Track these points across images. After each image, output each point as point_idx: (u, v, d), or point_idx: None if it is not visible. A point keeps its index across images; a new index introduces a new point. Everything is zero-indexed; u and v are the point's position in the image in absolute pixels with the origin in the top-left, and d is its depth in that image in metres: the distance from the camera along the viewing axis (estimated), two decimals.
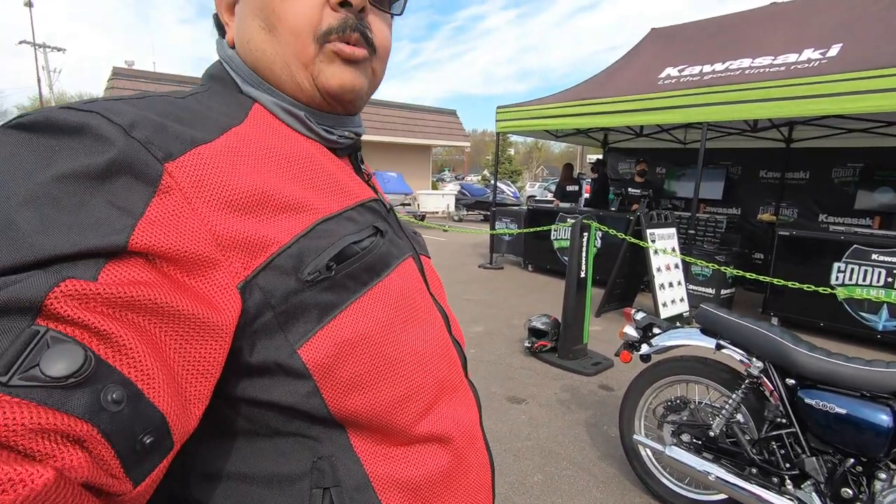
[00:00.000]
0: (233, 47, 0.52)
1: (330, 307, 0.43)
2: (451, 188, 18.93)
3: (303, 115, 0.50)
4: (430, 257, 0.65)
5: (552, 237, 7.10)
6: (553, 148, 43.25)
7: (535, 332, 4.01)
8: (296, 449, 0.44)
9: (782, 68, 5.23)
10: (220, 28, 0.55)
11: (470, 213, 16.40)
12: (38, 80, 25.07)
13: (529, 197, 19.92)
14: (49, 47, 26.11)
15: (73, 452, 0.28)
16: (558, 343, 3.93)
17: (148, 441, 0.31)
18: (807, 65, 5.08)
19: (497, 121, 7.68)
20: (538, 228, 6.84)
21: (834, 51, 5.07)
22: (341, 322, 0.43)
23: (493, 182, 9.04)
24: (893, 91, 4.16)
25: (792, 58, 5.30)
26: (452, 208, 16.35)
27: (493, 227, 8.08)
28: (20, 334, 0.28)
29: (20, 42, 24.91)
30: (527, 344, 4.02)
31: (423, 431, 0.49)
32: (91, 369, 0.29)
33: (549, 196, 17.98)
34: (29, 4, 22.43)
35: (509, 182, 22.28)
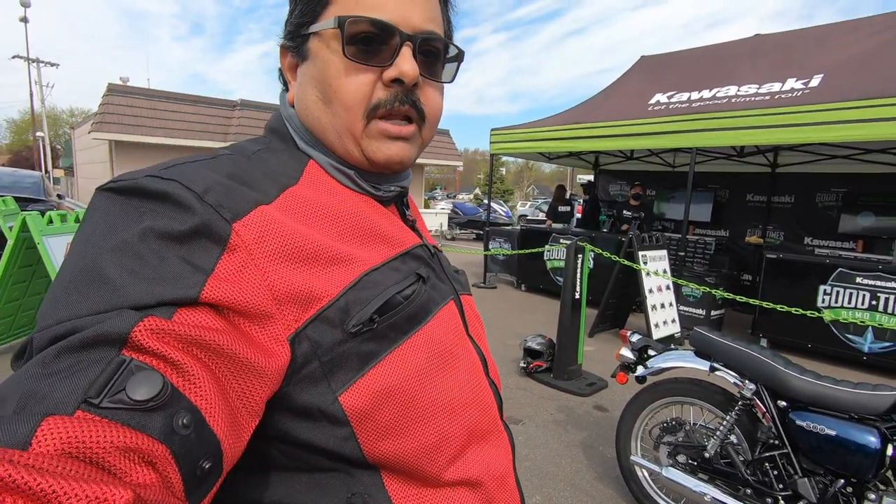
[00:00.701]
0: (292, 105, 0.57)
1: (370, 356, 0.46)
2: (444, 207, 19.08)
3: (352, 174, 0.54)
4: (471, 295, 0.67)
5: (545, 257, 7.19)
6: (544, 168, 43.87)
7: (530, 353, 4.06)
8: (331, 484, 0.47)
9: (767, 97, 5.43)
10: (286, 82, 0.58)
11: (462, 231, 16.51)
12: (31, 95, 25.04)
13: (521, 216, 20.12)
14: (42, 62, 26.14)
15: (147, 473, 0.30)
16: (553, 363, 3.98)
17: (207, 466, 0.34)
18: (790, 94, 5.28)
19: (491, 142, 7.83)
20: (532, 250, 6.92)
21: (815, 81, 5.28)
22: (380, 371, 0.46)
23: (485, 201, 9.13)
24: (872, 122, 4.34)
25: (776, 87, 5.51)
26: (445, 227, 16.45)
27: (486, 247, 8.16)
28: (109, 363, 0.32)
29: (13, 57, 24.94)
30: (522, 364, 4.06)
31: (453, 477, 0.51)
32: (167, 395, 0.32)
33: (541, 215, 18.18)
34: (24, 20, 22.51)
35: (502, 202, 22.50)
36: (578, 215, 9.48)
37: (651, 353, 2.31)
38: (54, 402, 0.30)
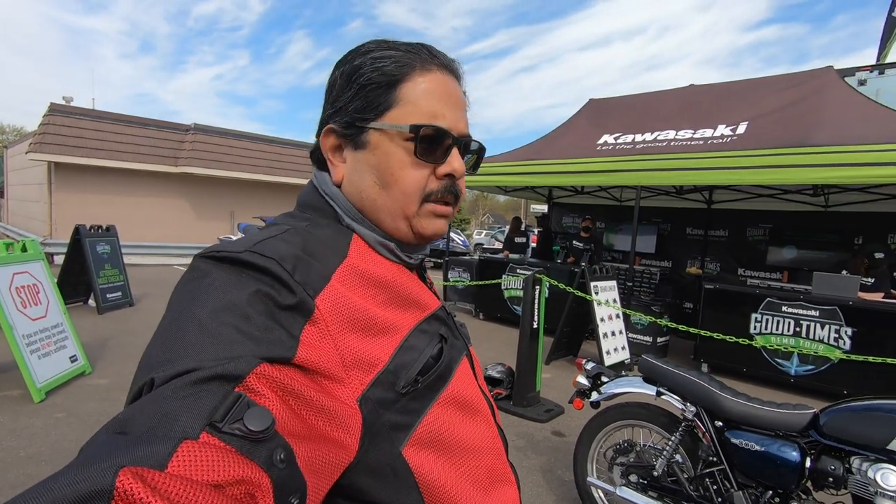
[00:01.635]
0: (337, 185, 0.62)
1: (417, 412, 0.54)
2: None
3: (393, 247, 0.62)
4: (472, 345, 0.74)
5: (503, 287, 7.41)
6: (499, 198, 45.05)
7: (490, 381, 4.18)
8: None
9: (701, 141, 5.98)
10: (321, 162, 0.65)
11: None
12: None
13: (477, 245, 20.48)
14: None
15: (248, 500, 0.33)
16: (513, 391, 4.12)
17: (295, 502, 0.37)
18: (721, 140, 5.85)
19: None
20: (490, 282, 7.13)
21: (742, 128, 5.88)
22: (426, 425, 0.54)
23: None
24: (790, 167, 4.89)
25: (709, 133, 6.09)
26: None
27: (445, 277, 8.31)
28: (227, 395, 0.37)
29: None
30: None
31: None
32: (273, 430, 0.37)
33: (496, 244, 18.56)
34: None
35: (459, 231, 22.86)
36: (533, 245, 9.84)
37: (604, 379, 2.49)
38: (185, 423, 0.34)
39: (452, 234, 16.65)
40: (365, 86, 0.59)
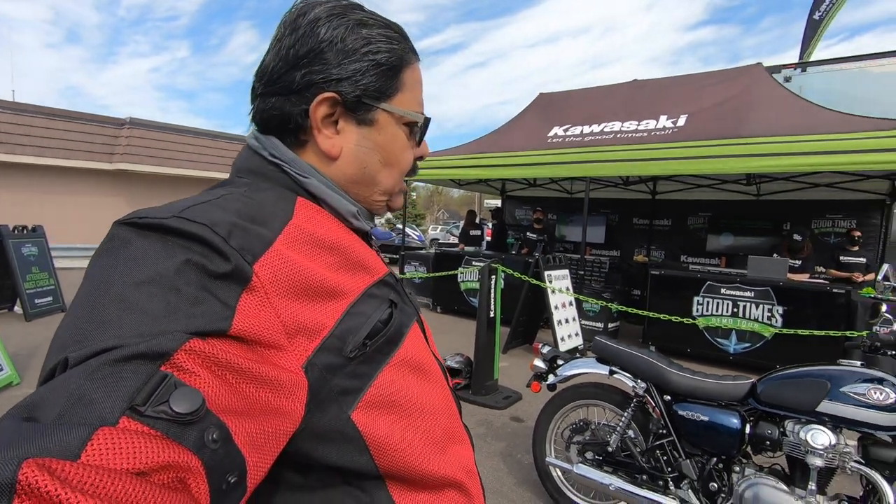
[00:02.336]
0: (334, 157, 0.60)
1: (366, 376, 0.53)
2: None
3: (356, 212, 0.62)
4: (421, 312, 0.74)
5: (459, 280, 7.46)
6: (453, 193, 45.21)
7: (449, 371, 4.19)
8: (343, 499, 0.52)
9: (645, 133, 6.24)
10: (278, 129, 0.59)
11: None
12: None
13: (433, 240, 20.51)
14: None
15: (179, 486, 0.32)
16: (471, 380, 4.16)
17: (232, 480, 0.36)
18: (663, 131, 6.12)
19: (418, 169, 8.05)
20: (446, 273, 7.16)
21: (682, 120, 6.18)
22: (377, 388, 0.53)
23: (397, 226, 9.28)
24: (725, 157, 5.18)
25: (652, 124, 6.36)
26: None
27: (402, 271, 8.27)
28: (152, 375, 0.34)
29: None
30: None
31: (441, 475, 0.59)
32: (203, 410, 0.35)
33: (452, 238, 18.66)
34: None
35: (414, 226, 22.80)
36: (488, 238, 9.96)
37: (560, 362, 2.56)
38: (101, 409, 0.31)
39: (408, 230, 16.60)
40: (381, 64, 0.59)
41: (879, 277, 2.29)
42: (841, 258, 6.11)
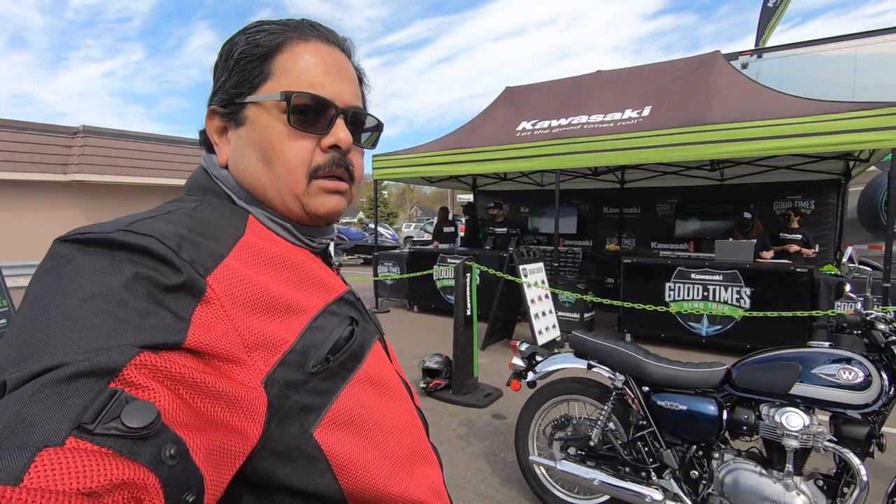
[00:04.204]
0: (224, 167, 0.60)
1: (329, 393, 0.51)
2: None
3: (290, 227, 0.59)
4: (384, 333, 0.73)
5: (435, 278, 7.42)
6: (425, 190, 45.17)
7: (429, 372, 4.16)
8: None
9: (611, 124, 6.30)
10: (208, 145, 0.62)
11: (350, 257, 16.28)
12: None
13: (407, 238, 20.41)
14: None
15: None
16: (451, 380, 4.13)
17: (191, 500, 0.35)
18: (629, 122, 6.19)
19: (374, 168, 7.95)
20: (421, 273, 7.10)
21: (646, 111, 6.26)
22: (340, 405, 0.51)
23: (370, 225, 9.19)
24: (690, 145, 5.28)
25: (617, 116, 6.42)
26: (332, 253, 16.05)
27: (375, 272, 8.17)
28: (101, 392, 0.32)
29: None
30: (422, 384, 4.14)
31: (407, 497, 0.56)
32: (159, 425, 0.33)
33: (426, 236, 18.61)
34: None
35: (387, 225, 22.64)
36: (462, 234, 9.95)
37: (538, 358, 2.54)
38: (45, 430, 0.30)
39: (381, 229, 16.47)
40: (239, 60, 0.57)
41: (844, 260, 2.35)
42: (780, 235, 6.34)
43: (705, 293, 5.52)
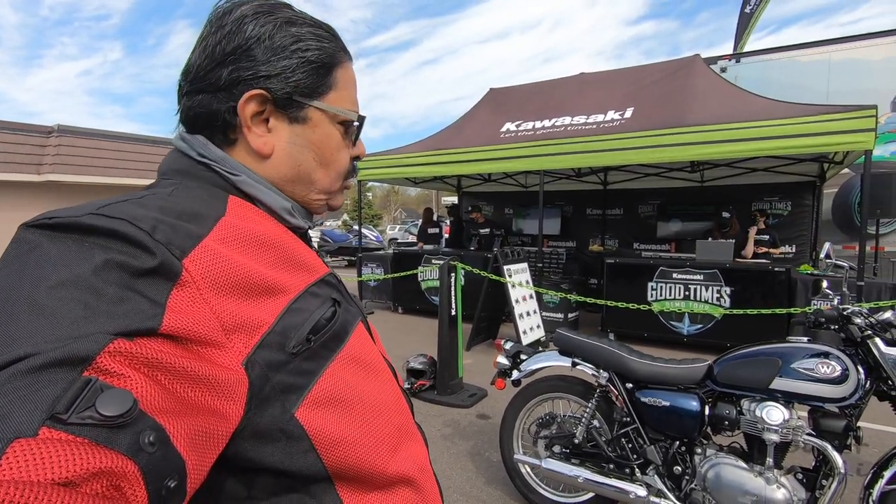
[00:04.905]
0: (266, 155, 0.59)
1: (312, 373, 0.51)
2: (312, 235, 18.47)
3: (291, 209, 0.62)
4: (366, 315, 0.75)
5: (420, 279, 7.39)
6: (409, 192, 45.05)
7: (413, 373, 4.14)
8: None
9: (594, 126, 6.35)
10: (206, 127, 0.58)
11: (334, 259, 16.14)
12: None
13: (391, 240, 20.33)
14: None
15: (114, 494, 0.31)
16: (436, 380, 4.11)
17: (172, 485, 0.35)
18: (611, 123, 6.26)
19: (358, 169, 7.89)
20: (406, 273, 7.07)
21: (629, 113, 6.34)
22: (323, 384, 0.51)
23: (354, 227, 9.15)
24: (671, 146, 5.35)
25: (600, 117, 6.48)
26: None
27: (360, 273, 8.11)
28: (74, 381, 0.32)
29: None
30: (406, 385, 4.11)
31: (394, 473, 0.57)
32: (136, 412, 0.33)
33: (410, 238, 18.56)
34: None
35: (371, 227, 22.52)
36: (447, 235, 9.94)
37: (523, 357, 2.54)
38: (16, 422, 0.29)
39: (365, 231, 16.38)
40: (312, 61, 0.58)
41: (822, 255, 2.40)
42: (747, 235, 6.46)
43: (686, 292, 5.60)
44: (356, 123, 0.65)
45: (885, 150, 6.65)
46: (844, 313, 1.92)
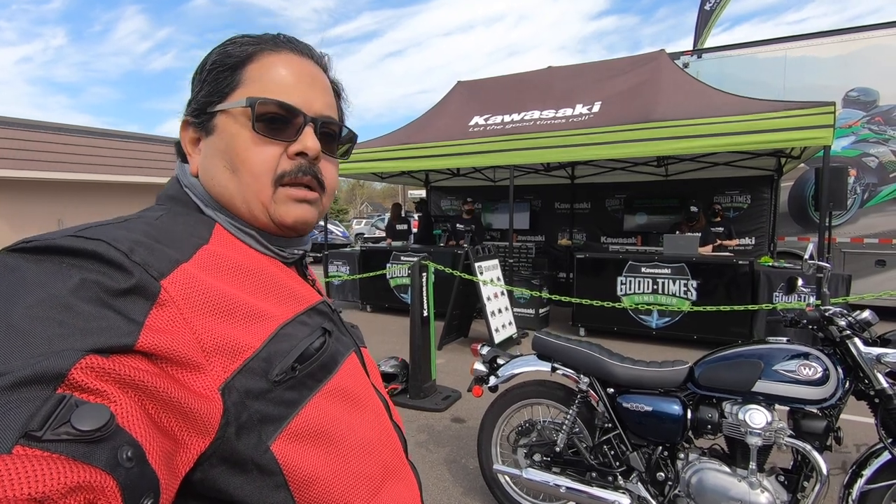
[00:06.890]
0: (195, 176, 0.59)
1: (293, 404, 0.48)
2: None
3: (256, 235, 0.58)
4: (366, 347, 0.71)
5: (388, 276, 7.22)
6: (375, 185, 44.47)
7: (385, 377, 4.00)
8: None
9: (563, 120, 6.33)
10: (182, 155, 0.61)
11: None
12: None
13: (358, 235, 19.99)
14: None
15: None
16: (408, 384, 3.99)
17: (149, 503, 0.34)
18: (580, 118, 6.24)
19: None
20: (375, 273, 6.90)
21: (596, 107, 6.34)
22: (304, 417, 0.49)
23: (319, 223, 8.89)
24: (638, 141, 5.38)
25: (569, 111, 6.46)
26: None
27: (326, 272, 7.87)
28: (48, 399, 0.31)
29: None
30: None
31: None
32: (113, 427, 0.33)
33: (378, 232, 18.25)
34: None
35: (337, 222, 22.08)
36: (416, 230, 9.79)
37: (500, 362, 2.45)
38: None
39: (331, 226, 16.01)
40: (211, 70, 0.58)
41: (805, 256, 2.40)
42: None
43: (655, 286, 5.66)
44: (269, 109, 0.55)
45: (836, 144, 6.90)
46: (827, 314, 1.90)
